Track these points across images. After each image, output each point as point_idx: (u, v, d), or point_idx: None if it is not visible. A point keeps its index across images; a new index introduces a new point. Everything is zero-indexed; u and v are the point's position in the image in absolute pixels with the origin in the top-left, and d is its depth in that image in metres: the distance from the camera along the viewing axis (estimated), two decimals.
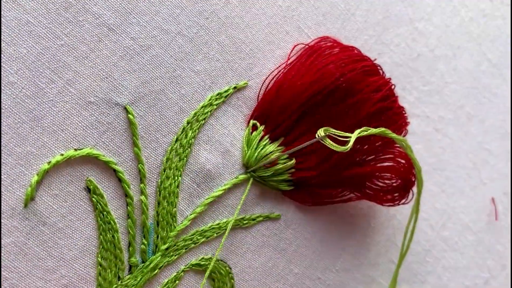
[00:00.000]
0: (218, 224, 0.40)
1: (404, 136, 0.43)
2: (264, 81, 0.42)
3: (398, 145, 0.43)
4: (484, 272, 0.53)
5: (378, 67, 0.43)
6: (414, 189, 0.44)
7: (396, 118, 0.42)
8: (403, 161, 0.43)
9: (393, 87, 0.43)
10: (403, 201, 0.44)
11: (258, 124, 0.42)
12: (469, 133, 0.53)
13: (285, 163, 0.41)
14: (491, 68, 0.55)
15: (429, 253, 0.50)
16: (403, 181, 0.43)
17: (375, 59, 0.43)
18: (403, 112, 0.43)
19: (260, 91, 0.42)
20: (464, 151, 0.53)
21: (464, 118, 0.53)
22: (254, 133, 0.42)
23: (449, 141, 0.52)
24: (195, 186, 0.40)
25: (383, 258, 0.48)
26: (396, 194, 0.44)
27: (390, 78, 0.43)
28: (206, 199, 0.40)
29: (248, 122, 0.42)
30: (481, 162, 0.54)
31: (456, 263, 0.52)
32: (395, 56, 0.49)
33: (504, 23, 0.55)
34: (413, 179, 0.44)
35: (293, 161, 0.41)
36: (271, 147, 0.41)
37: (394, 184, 0.43)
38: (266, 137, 0.41)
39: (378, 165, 0.43)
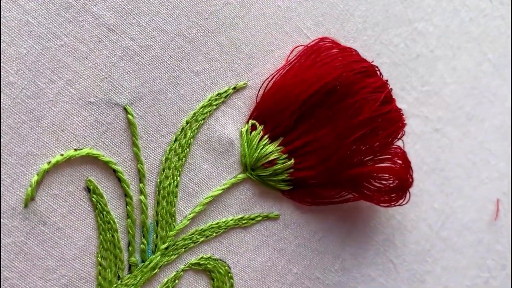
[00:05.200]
0: (217, 223, 0.40)
1: (401, 137, 0.43)
2: (264, 82, 0.42)
3: (396, 146, 0.44)
4: (484, 272, 0.53)
5: (376, 68, 0.43)
6: (411, 190, 0.44)
7: (394, 120, 0.42)
8: (400, 162, 0.44)
9: (390, 88, 0.43)
10: (400, 201, 0.44)
11: (257, 124, 0.42)
12: (469, 133, 0.53)
13: (284, 163, 0.41)
14: (491, 68, 0.55)
15: (429, 253, 0.50)
16: (400, 181, 0.43)
17: (372, 61, 0.43)
18: (401, 114, 0.43)
19: (259, 91, 0.42)
20: (464, 151, 0.53)
21: (463, 118, 0.53)
22: (254, 132, 0.42)
23: (448, 141, 0.52)
24: (194, 186, 0.40)
25: (382, 258, 0.48)
26: (393, 195, 0.44)
27: (387, 80, 0.43)
28: (205, 198, 0.40)
29: (248, 122, 0.42)
30: (481, 162, 0.54)
31: (455, 263, 0.52)
32: (394, 56, 0.49)
33: (504, 23, 0.55)
34: (410, 180, 0.44)
35: (292, 161, 0.41)
36: (271, 147, 0.41)
37: (391, 185, 0.43)
38: (266, 137, 0.42)
39: (376, 165, 0.43)
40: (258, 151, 0.41)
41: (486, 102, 0.54)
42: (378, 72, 0.43)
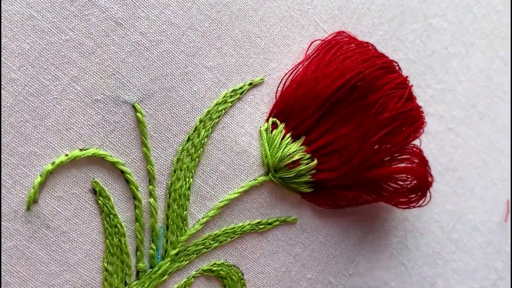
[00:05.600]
0: (232, 228, 0.39)
1: (420, 135, 0.42)
2: (283, 77, 0.40)
3: (412, 145, 0.42)
4: (492, 274, 0.52)
5: (395, 64, 0.42)
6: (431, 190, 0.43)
7: (415, 118, 0.41)
8: (417, 161, 0.42)
9: (411, 85, 0.42)
10: (420, 202, 0.43)
11: (278, 122, 0.40)
12: (481, 132, 0.52)
13: (307, 163, 0.40)
14: (502, 65, 0.53)
15: (439, 255, 0.49)
16: (419, 181, 0.42)
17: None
18: (421, 111, 0.42)
19: (278, 87, 0.40)
20: (476, 150, 0.52)
21: (476, 117, 0.52)
22: (275, 131, 0.40)
23: (461, 141, 0.51)
24: (208, 189, 0.38)
25: (395, 261, 0.47)
26: (412, 196, 0.42)
27: (407, 76, 0.42)
28: (220, 202, 0.38)
29: (267, 120, 0.40)
30: (493, 162, 0.53)
31: (465, 265, 0.51)
32: (410, 53, 0.48)
33: None
34: (430, 180, 0.42)
35: (315, 161, 0.40)
36: (294, 146, 0.40)
37: (409, 186, 0.42)
38: (288, 135, 0.40)
39: (396, 166, 0.42)
40: (281, 150, 0.39)
41: (498, 101, 0.53)
42: (397, 68, 0.42)
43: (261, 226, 0.40)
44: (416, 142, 0.43)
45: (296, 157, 0.39)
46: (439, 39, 0.49)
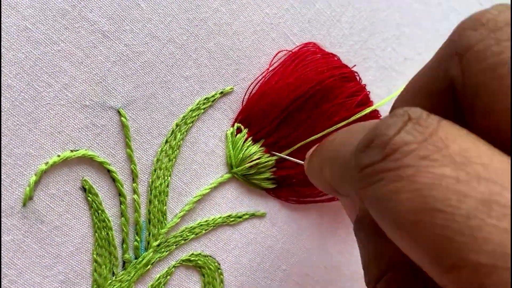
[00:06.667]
0: (206, 221, 0.42)
1: None
2: (249, 87, 0.44)
3: None
4: None
5: (355, 74, 0.45)
6: None
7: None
8: None
9: (368, 92, 0.46)
10: None
11: (242, 127, 0.44)
12: None
13: (267, 161, 0.44)
14: None
15: None
16: None
17: (353, 66, 0.46)
18: (378, 115, 0.46)
19: (245, 95, 0.44)
20: None
21: None
22: (239, 135, 0.44)
23: None
24: (184, 186, 0.42)
25: None
26: None
27: (365, 84, 0.46)
28: (194, 197, 0.42)
29: (233, 125, 0.44)
30: None
31: None
32: (381, 60, 0.50)
33: None
34: None
35: (272, 159, 0.44)
36: (254, 148, 0.43)
37: None
38: (250, 139, 0.44)
39: None
40: (243, 152, 0.43)
41: None
42: (357, 77, 0.45)
43: (231, 219, 0.43)
44: None
45: (255, 157, 0.43)
46: (413, 46, 0.52)
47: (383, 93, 0.50)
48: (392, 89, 0.52)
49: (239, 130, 0.44)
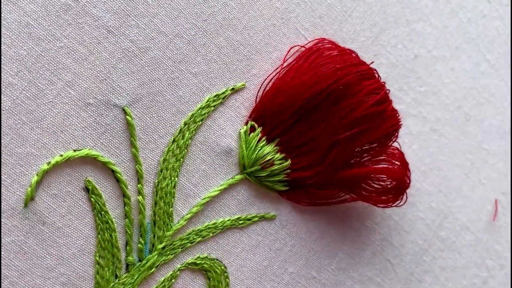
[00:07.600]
0: (214, 223, 0.41)
1: (396, 139, 0.44)
2: (262, 83, 0.43)
3: (393, 147, 0.44)
4: (482, 272, 0.54)
5: (374, 71, 0.43)
6: (409, 190, 0.44)
7: (389, 121, 0.43)
8: (397, 163, 0.44)
9: (388, 90, 0.43)
10: (396, 203, 0.44)
11: (256, 125, 0.42)
12: (467, 133, 0.53)
13: (281, 163, 0.42)
14: (489, 69, 0.54)
15: (426, 252, 0.51)
16: (397, 182, 0.43)
17: (371, 63, 0.44)
18: (396, 114, 0.44)
19: (258, 92, 0.43)
20: (462, 151, 0.53)
21: (462, 119, 0.53)
22: (252, 134, 0.42)
23: (446, 141, 0.52)
24: (192, 187, 0.40)
25: (379, 258, 0.48)
26: (390, 196, 0.44)
27: (385, 82, 0.44)
28: (202, 199, 0.41)
29: (246, 123, 0.42)
30: (480, 162, 0.54)
31: (454, 263, 0.52)
32: (392, 57, 0.49)
33: (502, 24, 0.55)
34: (408, 181, 0.44)
35: (289, 161, 0.42)
36: (268, 148, 0.42)
37: (389, 186, 0.44)
38: (264, 138, 0.42)
39: (373, 166, 0.44)
40: (256, 152, 0.42)
41: (485, 103, 0.54)
42: (376, 75, 0.43)
43: (240, 222, 0.42)
44: (396, 144, 0.44)
45: (269, 158, 0.42)
46: (423, 43, 0.50)
47: (394, 91, 0.48)
48: (403, 86, 0.50)
49: (252, 129, 0.42)
